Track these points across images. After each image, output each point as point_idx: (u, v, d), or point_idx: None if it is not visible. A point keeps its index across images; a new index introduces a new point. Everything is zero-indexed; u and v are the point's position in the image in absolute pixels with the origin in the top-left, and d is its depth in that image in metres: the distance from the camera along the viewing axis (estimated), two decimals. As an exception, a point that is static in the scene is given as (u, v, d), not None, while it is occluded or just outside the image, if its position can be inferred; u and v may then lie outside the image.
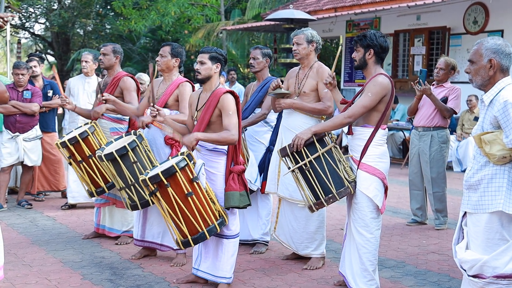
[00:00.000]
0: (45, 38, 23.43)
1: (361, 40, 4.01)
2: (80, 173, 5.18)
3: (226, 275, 4.14)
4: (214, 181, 4.10)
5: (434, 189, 6.12)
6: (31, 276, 4.44)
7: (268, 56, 5.29)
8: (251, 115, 5.24)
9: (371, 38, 3.98)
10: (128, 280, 4.37)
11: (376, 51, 3.99)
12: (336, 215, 6.70)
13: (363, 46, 4.00)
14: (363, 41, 4.00)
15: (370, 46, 3.98)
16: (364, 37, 4.00)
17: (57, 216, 6.52)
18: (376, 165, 3.95)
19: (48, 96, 7.25)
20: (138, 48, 20.56)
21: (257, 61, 5.27)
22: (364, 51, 4.01)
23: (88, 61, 6.97)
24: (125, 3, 17.35)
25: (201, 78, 4.14)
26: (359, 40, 4.02)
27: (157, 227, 4.90)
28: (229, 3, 19.79)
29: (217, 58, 4.12)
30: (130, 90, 5.38)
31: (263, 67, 5.30)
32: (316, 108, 4.65)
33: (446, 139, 6.10)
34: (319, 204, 3.91)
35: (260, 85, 5.31)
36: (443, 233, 5.96)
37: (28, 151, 6.86)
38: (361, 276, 3.98)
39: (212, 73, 4.13)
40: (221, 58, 4.14)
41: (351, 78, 14.21)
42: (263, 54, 5.27)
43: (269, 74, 5.41)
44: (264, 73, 5.33)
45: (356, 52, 4.06)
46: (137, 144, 4.60)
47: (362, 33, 4.05)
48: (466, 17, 11.49)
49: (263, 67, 5.30)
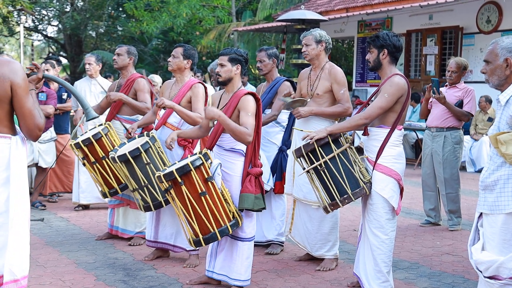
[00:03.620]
0: (58, 40, 23.62)
1: (374, 41, 3.99)
2: (94, 174, 5.21)
3: (240, 278, 4.13)
4: (229, 182, 4.09)
5: (447, 190, 6.08)
6: (45, 277, 4.47)
7: (274, 56, 5.25)
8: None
9: (384, 38, 3.96)
10: (141, 281, 4.39)
11: (390, 51, 3.97)
12: (349, 216, 6.67)
13: (377, 46, 3.98)
14: (376, 42, 3.98)
15: (383, 46, 3.96)
16: (377, 38, 3.98)
17: (71, 217, 6.56)
18: (392, 166, 3.93)
19: (62, 99, 7.30)
20: (150, 50, 20.66)
21: (263, 63, 5.24)
22: (378, 52, 3.99)
23: (91, 63, 7.00)
24: (137, 5, 17.45)
25: (222, 81, 4.14)
26: (372, 41, 4.00)
27: (170, 228, 4.91)
28: (240, 4, 19.81)
29: (236, 59, 4.11)
30: (143, 91, 5.42)
31: (271, 68, 5.27)
32: (336, 111, 4.61)
33: (459, 139, 6.05)
34: (334, 205, 3.89)
35: (269, 86, 5.28)
36: (457, 234, 5.92)
37: (43, 153, 6.91)
38: (375, 277, 3.96)
39: (232, 75, 4.12)
40: (241, 59, 4.12)
41: (362, 78, 14.16)
42: (269, 55, 5.23)
43: (278, 74, 5.35)
44: (273, 74, 5.29)
45: (369, 53, 4.04)
46: (150, 145, 4.61)
47: (375, 34, 4.03)
48: (479, 16, 11.41)
49: (271, 68, 5.27)
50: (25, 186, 2.99)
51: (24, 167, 3.00)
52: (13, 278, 2.92)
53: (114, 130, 5.31)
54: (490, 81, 3.16)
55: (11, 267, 2.91)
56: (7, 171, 2.89)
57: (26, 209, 3.00)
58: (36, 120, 2.93)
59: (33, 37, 23.27)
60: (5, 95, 2.84)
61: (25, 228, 2.99)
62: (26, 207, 3.00)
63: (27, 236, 3.02)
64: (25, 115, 2.90)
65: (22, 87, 2.87)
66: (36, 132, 2.95)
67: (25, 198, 3.00)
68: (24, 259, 2.99)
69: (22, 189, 2.96)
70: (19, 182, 2.94)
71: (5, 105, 2.87)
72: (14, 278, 2.92)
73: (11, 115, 2.95)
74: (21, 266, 2.98)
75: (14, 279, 2.92)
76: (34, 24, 21.47)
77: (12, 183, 2.91)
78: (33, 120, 2.92)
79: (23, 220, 2.98)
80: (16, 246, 2.93)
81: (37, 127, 2.95)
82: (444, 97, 5.87)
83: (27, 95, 2.90)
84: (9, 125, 2.94)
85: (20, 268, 2.96)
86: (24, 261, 3.00)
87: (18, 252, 2.94)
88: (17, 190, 2.93)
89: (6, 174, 2.89)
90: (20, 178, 2.95)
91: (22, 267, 2.98)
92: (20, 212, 2.95)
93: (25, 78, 2.91)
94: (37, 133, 2.96)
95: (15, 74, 2.85)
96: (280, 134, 5.24)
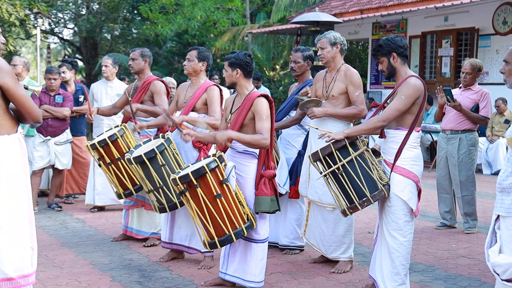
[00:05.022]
0: (73, 43, 23.81)
1: (380, 51, 4.01)
2: (109, 175, 5.25)
3: (255, 280, 4.14)
4: (243, 184, 4.11)
5: (463, 193, 6.03)
6: (61, 277, 4.51)
7: (309, 59, 5.14)
8: (285, 117, 5.18)
9: (386, 44, 3.98)
10: (156, 282, 4.41)
11: (398, 53, 3.97)
12: (364, 219, 6.65)
13: (384, 54, 4.00)
14: (382, 50, 4.00)
15: (391, 51, 3.98)
16: (381, 47, 4.01)
17: (86, 219, 6.61)
18: (411, 167, 3.92)
19: (79, 101, 7.36)
20: (165, 52, 20.74)
21: (298, 64, 5.13)
22: (388, 58, 4.00)
23: (108, 66, 7.05)
24: (152, 7, 17.53)
25: (227, 85, 4.24)
26: (378, 52, 4.02)
27: (185, 230, 4.93)
28: (254, 7, 19.83)
29: (235, 63, 4.13)
30: (160, 93, 5.44)
31: (305, 70, 5.16)
32: (350, 113, 4.59)
33: (474, 141, 6.01)
34: (353, 208, 3.89)
35: (298, 87, 5.22)
36: (473, 237, 5.87)
37: (59, 155, 6.98)
38: (392, 280, 3.94)
39: (234, 79, 4.16)
40: (240, 63, 4.11)
41: (377, 80, 14.10)
42: (305, 57, 5.12)
43: (310, 76, 5.22)
44: (305, 76, 5.20)
45: (380, 64, 4.06)
46: (165, 147, 4.64)
47: (377, 44, 4.06)
48: (495, 17, 11.31)
49: (305, 70, 5.16)
50: (20, 185, 3.02)
51: (17, 166, 3.05)
52: (5, 277, 2.97)
53: (129, 132, 5.34)
54: (508, 81, 3.15)
55: (1, 266, 2.96)
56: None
57: (22, 207, 3.03)
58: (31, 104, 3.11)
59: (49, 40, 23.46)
60: None
61: (21, 227, 3.02)
62: (22, 206, 3.03)
63: (25, 235, 3.04)
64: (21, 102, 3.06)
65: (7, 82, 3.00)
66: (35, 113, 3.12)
67: (21, 197, 3.03)
68: (21, 258, 3.02)
69: (15, 187, 3.00)
70: (10, 180, 2.99)
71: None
72: (6, 277, 2.97)
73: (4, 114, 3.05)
74: (17, 266, 3.00)
75: (7, 277, 2.97)
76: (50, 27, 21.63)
77: (1, 180, 2.97)
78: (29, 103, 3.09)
79: (18, 219, 3.01)
80: (7, 246, 2.97)
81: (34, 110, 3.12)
82: (460, 104, 5.81)
83: (16, 85, 3.05)
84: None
85: (14, 267, 2.99)
86: (22, 260, 3.02)
87: (9, 252, 2.98)
88: (8, 189, 2.98)
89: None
90: (10, 177, 2.99)
91: (18, 267, 3.00)
92: (14, 211, 2.99)
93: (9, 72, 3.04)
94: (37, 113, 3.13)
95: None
96: (301, 137, 5.16)
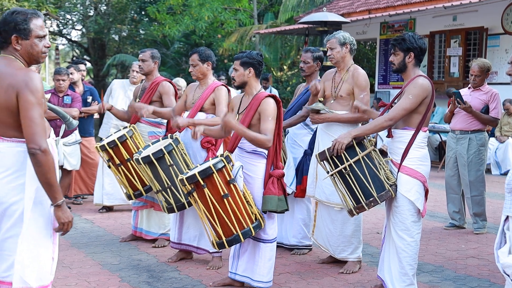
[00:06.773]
0: (81, 44, 23.92)
1: (400, 44, 3.92)
2: (119, 176, 5.27)
3: (263, 279, 4.14)
4: (251, 184, 4.11)
5: (472, 193, 6.00)
6: (71, 278, 4.53)
7: (319, 59, 5.15)
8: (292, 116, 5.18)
9: (410, 41, 3.90)
10: (165, 283, 4.42)
11: (416, 54, 3.92)
12: (372, 219, 6.63)
13: (403, 49, 3.92)
14: (402, 45, 3.91)
15: (410, 50, 3.91)
16: (404, 41, 3.91)
17: (95, 219, 6.64)
18: (418, 168, 3.90)
19: (87, 102, 7.38)
20: (172, 53, 20.79)
21: (307, 65, 5.15)
22: (404, 55, 3.93)
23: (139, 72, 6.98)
24: (160, 8, 17.57)
25: (237, 85, 4.23)
26: (398, 44, 3.93)
27: (193, 230, 4.94)
28: (262, 7, 19.83)
29: (248, 62, 4.13)
30: (168, 94, 5.46)
31: (314, 71, 5.18)
32: (353, 117, 4.56)
33: (484, 141, 5.98)
34: (360, 208, 3.88)
35: (306, 87, 5.23)
36: (483, 237, 5.84)
37: (68, 156, 7.00)
38: (400, 280, 3.93)
39: (245, 78, 4.16)
40: (253, 62, 4.13)
41: (385, 80, 14.06)
42: (314, 58, 5.14)
43: (319, 77, 5.22)
44: (314, 77, 5.21)
45: (394, 55, 3.98)
46: (173, 147, 4.65)
47: (400, 36, 3.96)
48: (505, 17, 11.25)
49: (314, 71, 5.18)
50: (42, 192, 2.82)
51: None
52: (26, 286, 2.81)
53: (138, 133, 5.37)
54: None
55: (23, 274, 2.80)
56: (23, 177, 2.79)
57: (43, 215, 2.87)
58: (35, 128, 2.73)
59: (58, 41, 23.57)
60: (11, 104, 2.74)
61: (43, 237, 2.87)
62: (43, 214, 2.87)
63: (48, 245, 2.91)
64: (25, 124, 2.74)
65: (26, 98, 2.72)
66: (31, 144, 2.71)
67: (48, 204, 2.87)
68: (43, 269, 2.88)
69: (44, 196, 2.83)
70: (35, 187, 2.81)
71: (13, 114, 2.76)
72: (27, 286, 2.81)
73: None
74: (38, 276, 2.85)
75: (28, 287, 2.81)
76: (59, 29, 21.74)
77: (27, 189, 2.79)
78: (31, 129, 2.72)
79: (40, 228, 2.86)
80: (29, 254, 2.82)
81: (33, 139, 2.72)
82: (470, 106, 5.79)
83: (33, 105, 2.73)
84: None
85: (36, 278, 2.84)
86: (43, 271, 2.88)
87: (33, 261, 2.83)
88: (35, 196, 2.81)
89: (22, 180, 2.79)
90: (36, 183, 2.80)
91: (39, 277, 2.86)
92: (35, 219, 2.83)
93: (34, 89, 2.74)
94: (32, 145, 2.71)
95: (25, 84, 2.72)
96: (308, 137, 5.17)
